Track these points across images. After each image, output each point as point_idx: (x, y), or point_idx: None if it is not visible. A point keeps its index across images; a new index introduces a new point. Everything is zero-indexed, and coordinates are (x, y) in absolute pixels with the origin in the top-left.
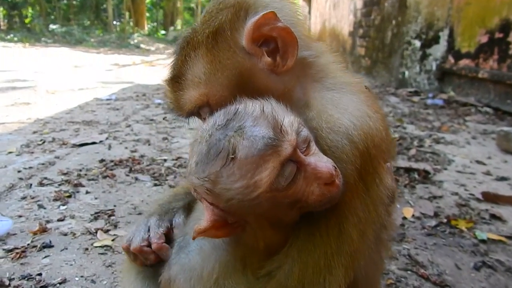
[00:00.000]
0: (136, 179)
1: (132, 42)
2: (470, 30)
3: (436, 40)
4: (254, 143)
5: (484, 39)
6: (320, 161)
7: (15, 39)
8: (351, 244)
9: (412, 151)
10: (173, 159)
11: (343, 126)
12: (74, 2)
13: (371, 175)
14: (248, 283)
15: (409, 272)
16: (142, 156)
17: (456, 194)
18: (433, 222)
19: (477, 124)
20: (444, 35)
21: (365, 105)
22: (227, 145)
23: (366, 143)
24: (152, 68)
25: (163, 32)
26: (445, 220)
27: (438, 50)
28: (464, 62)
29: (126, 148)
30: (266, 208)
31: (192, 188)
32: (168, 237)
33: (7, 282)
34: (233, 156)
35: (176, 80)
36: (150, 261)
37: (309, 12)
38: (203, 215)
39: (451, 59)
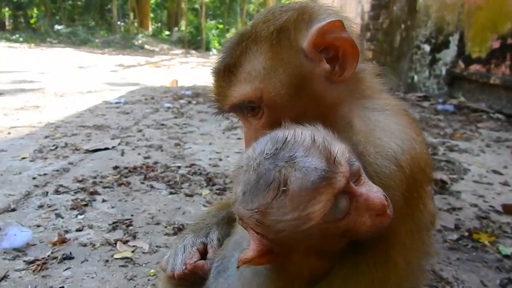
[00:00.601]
0: (152, 187)
1: (136, 43)
2: (481, 35)
3: (446, 44)
4: (307, 175)
5: (496, 44)
6: (371, 191)
7: (20, 39)
8: (397, 272)
9: None
10: (186, 166)
11: (391, 151)
12: (79, 3)
13: (416, 200)
14: None
15: None
16: (155, 162)
17: (476, 205)
18: (454, 236)
19: (490, 131)
20: (454, 40)
21: (409, 128)
22: (278, 176)
23: (412, 168)
24: (157, 69)
25: (167, 32)
26: (466, 234)
27: (448, 54)
28: (474, 67)
29: (139, 154)
30: (315, 239)
31: (238, 216)
32: (204, 253)
33: None
34: (284, 188)
35: (231, 71)
36: (191, 281)
37: None
38: (247, 243)
39: (461, 64)
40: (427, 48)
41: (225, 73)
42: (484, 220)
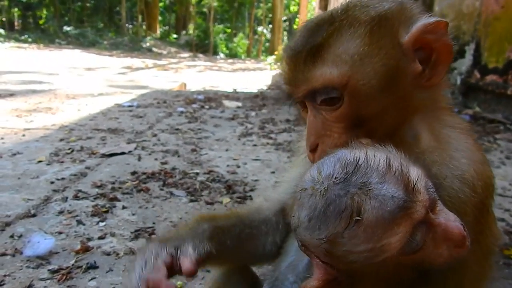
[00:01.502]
0: (171, 194)
1: (144, 46)
2: (498, 45)
3: (461, 54)
4: (384, 204)
5: None
6: (449, 221)
7: (29, 40)
8: None
9: None
10: (205, 173)
11: (468, 175)
12: (88, 4)
13: (484, 227)
14: None
15: None
16: (173, 168)
17: (503, 220)
18: None
19: (509, 143)
20: (470, 50)
21: (477, 149)
22: (351, 204)
23: (484, 193)
24: (164, 72)
25: (175, 36)
26: (497, 250)
27: (464, 64)
28: (491, 77)
29: (155, 159)
30: (387, 271)
31: (301, 243)
32: (171, 269)
33: None
34: (358, 218)
35: (315, 52)
36: None
37: None
38: (304, 266)
39: (476, 74)
40: None
41: (308, 54)
42: None
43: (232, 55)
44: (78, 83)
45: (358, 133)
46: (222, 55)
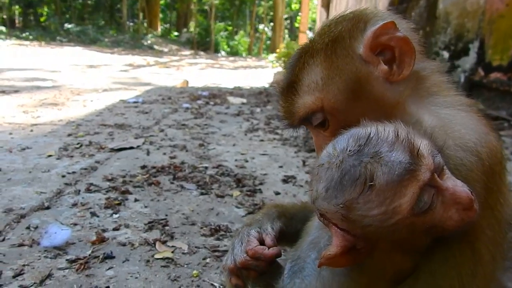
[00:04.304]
0: (182, 187)
1: (145, 43)
2: (502, 43)
3: (465, 52)
4: (392, 169)
5: None
6: (457, 186)
7: (30, 37)
8: (484, 265)
9: None
10: (214, 167)
11: (470, 143)
12: (89, 2)
13: (496, 194)
14: None
15: None
16: (182, 163)
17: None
18: None
19: None
20: (474, 47)
21: (482, 123)
22: (364, 172)
23: (491, 160)
24: (166, 69)
25: (176, 33)
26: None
27: (467, 62)
28: (495, 75)
29: (164, 154)
30: (401, 234)
31: (320, 213)
32: (261, 242)
33: None
34: (371, 183)
35: (292, 86)
36: (257, 272)
37: (327, 18)
38: (324, 242)
39: (480, 72)
40: (446, 55)
41: (289, 90)
42: None
43: (233, 53)
44: (82, 80)
45: None
46: (223, 52)
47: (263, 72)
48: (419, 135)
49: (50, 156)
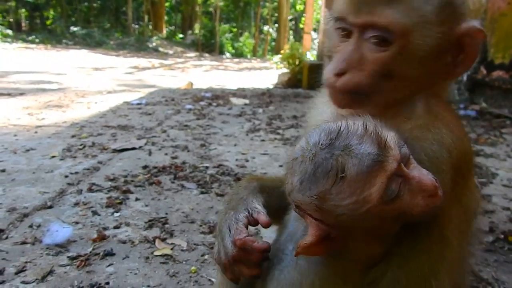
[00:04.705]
0: (182, 186)
1: (150, 45)
2: (505, 41)
3: None
4: (362, 161)
5: None
6: (422, 174)
7: (37, 40)
8: (451, 251)
9: None
10: (214, 167)
11: (447, 140)
12: (95, 5)
13: (462, 187)
14: None
15: None
16: (183, 163)
17: (508, 209)
18: (490, 238)
19: None
20: None
21: (461, 130)
22: (336, 164)
23: (460, 158)
24: (171, 71)
25: (181, 35)
26: (502, 236)
27: None
28: (497, 73)
29: (166, 154)
30: (372, 222)
31: (295, 205)
32: (252, 225)
33: None
34: (343, 175)
35: None
36: (250, 265)
37: None
38: (301, 233)
39: (483, 70)
40: None
41: None
42: None
43: (238, 54)
44: (87, 82)
45: (379, 87)
46: (228, 54)
47: (267, 74)
48: (387, 128)
49: (53, 157)
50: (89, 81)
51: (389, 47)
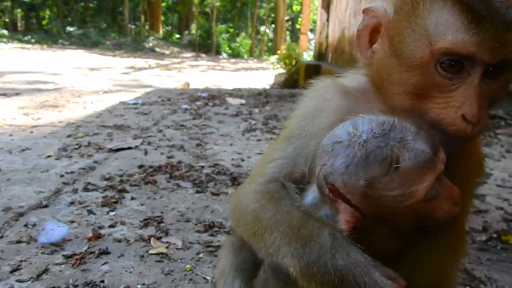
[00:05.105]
0: (178, 185)
1: (147, 46)
2: None
3: None
4: (417, 156)
5: None
6: (449, 182)
7: (33, 40)
8: (459, 260)
9: None
10: (210, 166)
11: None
12: (91, 5)
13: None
14: None
15: (468, 287)
16: (179, 162)
17: (501, 208)
18: (483, 237)
19: (509, 138)
20: None
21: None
22: (390, 154)
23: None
24: (167, 71)
25: (178, 36)
26: (495, 235)
27: None
28: None
29: (162, 154)
30: (403, 216)
31: (330, 188)
32: None
33: None
34: (397, 165)
35: None
36: None
37: (327, 20)
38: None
39: None
40: None
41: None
42: (511, 222)
43: (235, 54)
44: (83, 82)
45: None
46: (224, 54)
47: (264, 74)
48: (430, 132)
49: (49, 156)
50: (85, 81)
51: (498, 78)
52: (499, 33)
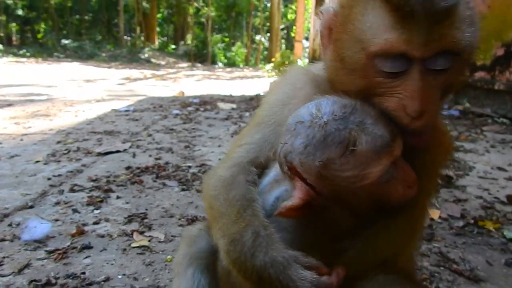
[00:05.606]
0: (164, 184)
1: (143, 57)
2: (485, 43)
3: None
4: (375, 140)
5: (500, 52)
6: (407, 166)
7: (28, 54)
8: (418, 237)
9: None
10: (197, 166)
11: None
12: (86, 17)
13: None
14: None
15: (442, 268)
16: (167, 163)
17: (481, 197)
18: (460, 223)
19: (495, 134)
20: None
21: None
22: (348, 136)
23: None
24: (163, 81)
25: (173, 46)
26: (472, 221)
27: None
28: (479, 74)
29: (150, 156)
30: (357, 197)
31: (288, 166)
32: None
33: (53, 281)
34: (353, 148)
35: (454, 9)
36: None
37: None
38: (289, 194)
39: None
40: None
41: (447, 12)
42: (489, 209)
43: (231, 64)
44: (76, 93)
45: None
46: (220, 64)
47: (259, 82)
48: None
49: (37, 162)
50: (79, 92)
51: (449, 66)
52: (427, 27)
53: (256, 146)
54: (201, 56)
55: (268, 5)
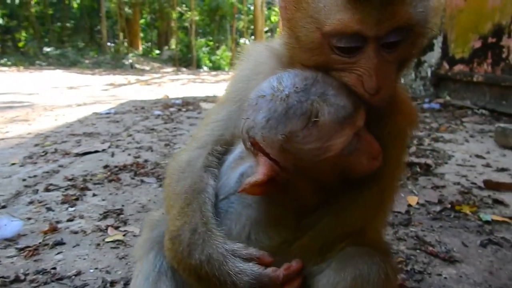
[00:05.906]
0: (142, 181)
1: (126, 62)
2: (463, 36)
3: (430, 47)
4: (337, 111)
5: (478, 44)
6: (372, 138)
7: (9, 63)
8: (386, 210)
9: (412, 149)
10: None
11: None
12: (68, 25)
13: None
14: (281, 236)
15: (418, 250)
16: (145, 161)
17: (458, 183)
18: (437, 208)
19: (474, 125)
20: (438, 42)
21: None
22: (310, 108)
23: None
24: (147, 86)
25: (157, 51)
26: (449, 206)
27: (433, 57)
28: (458, 67)
29: (129, 155)
30: (322, 170)
31: (251, 142)
32: None
33: (22, 277)
34: (316, 119)
35: None
36: None
37: None
38: (253, 170)
39: (445, 65)
40: None
41: None
42: (467, 194)
43: (216, 67)
44: (58, 99)
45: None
46: (205, 68)
47: None
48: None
49: (13, 164)
50: (61, 98)
51: (402, 42)
52: (379, 7)
53: (221, 124)
54: (186, 61)
55: (252, 8)
